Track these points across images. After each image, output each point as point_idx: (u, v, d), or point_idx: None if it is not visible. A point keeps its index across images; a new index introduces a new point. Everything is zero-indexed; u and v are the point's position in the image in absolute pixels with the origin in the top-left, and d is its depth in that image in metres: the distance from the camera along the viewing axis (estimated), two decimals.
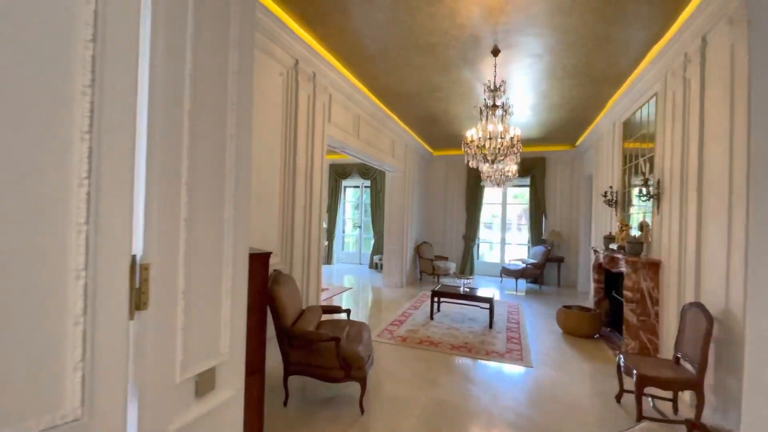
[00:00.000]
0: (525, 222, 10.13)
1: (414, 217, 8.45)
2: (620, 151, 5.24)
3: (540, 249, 8.19)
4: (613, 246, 4.75)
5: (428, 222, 9.68)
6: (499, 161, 3.80)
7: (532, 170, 8.71)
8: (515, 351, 4.07)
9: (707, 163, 2.90)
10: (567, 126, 6.77)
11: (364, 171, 10.32)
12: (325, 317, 3.94)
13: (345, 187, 11.28)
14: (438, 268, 8.01)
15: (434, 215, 9.68)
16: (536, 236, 8.73)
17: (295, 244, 3.78)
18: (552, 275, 8.41)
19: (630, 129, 4.87)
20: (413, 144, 7.95)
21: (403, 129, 6.92)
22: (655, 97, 3.98)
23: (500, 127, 3.67)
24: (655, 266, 3.79)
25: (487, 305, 5.08)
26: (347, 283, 8.09)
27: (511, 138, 3.67)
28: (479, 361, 3.81)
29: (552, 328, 5.02)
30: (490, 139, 3.65)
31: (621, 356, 2.83)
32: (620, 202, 5.18)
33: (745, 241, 2.31)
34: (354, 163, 10.46)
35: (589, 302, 6.32)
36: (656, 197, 3.82)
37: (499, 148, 3.71)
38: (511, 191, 9.73)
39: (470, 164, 4.00)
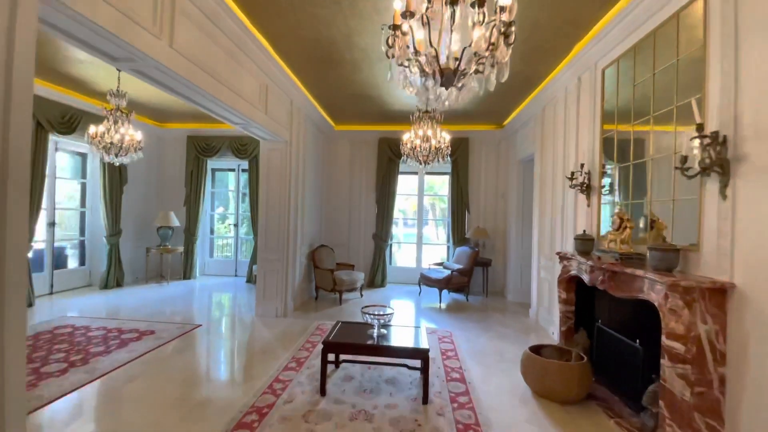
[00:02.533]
0: (443, 217, 8.53)
1: (308, 212, 6.02)
2: (597, 112, 3.63)
3: (465, 250, 6.54)
4: (602, 253, 3.07)
5: (328, 218, 7.34)
6: (465, 77, 1.63)
7: (455, 154, 7.03)
8: None
9: None
10: (503, 93, 5.12)
11: (239, 147, 7.46)
12: None
13: (213, 170, 8.22)
14: (341, 281, 5.73)
15: (337, 209, 7.37)
16: (459, 235, 7.08)
17: None
18: (476, 281, 6.84)
19: (622, 75, 3.25)
20: (305, 106, 5.50)
21: (284, 71, 4.43)
22: None
23: (473, 15, 1.51)
24: (720, 295, 2.10)
25: (417, 363, 2.96)
26: (204, 312, 5.26)
27: (494, 33, 1.53)
28: None
29: (514, 383, 3.16)
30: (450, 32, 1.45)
31: None
32: (597, 188, 3.58)
33: None
34: (223, 134, 7.53)
35: (532, 318, 4.77)
36: (720, 169, 2.13)
37: (469, 51, 1.55)
38: (427, 180, 7.96)
39: (411, 77, 1.72)
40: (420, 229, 7.62)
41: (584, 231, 3.59)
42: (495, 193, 7.12)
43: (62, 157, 6.55)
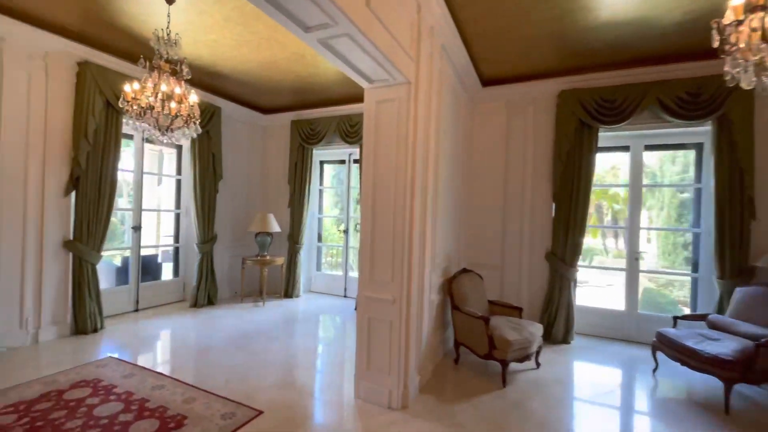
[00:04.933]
0: (612, 221, 5.16)
1: (441, 216, 3.59)
2: None
3: (759, 293, 3.15)
4: None
5: (471, 226, 4.79)
6: None
7: (715, 102, 3.66)
8: None
9: None
10: None
11: (349, 129, 5.57)
12: None
13: (321, 162, 6.59)
14: (506, 343, 3.07)
15: (484, 211, 4.76)
16: (734, 260, 3.63)
17: None
18: None
19: None
20: (443, 28, 3.08)
21: None
22: None
23: None
24: None
25: None
26: (280, 376, 3.35)
27: None
28: None
29: None
30: None
31: None
32: None
33: None
34: (331, 114, 5.78)
35: None
36: None
37: None
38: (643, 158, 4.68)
39: None
40: (634, 246, 4.38)
41: None
42: None
43: (153, 148, 5.72)
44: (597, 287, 6.88)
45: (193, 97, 3.19)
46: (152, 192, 7.04)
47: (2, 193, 3.44)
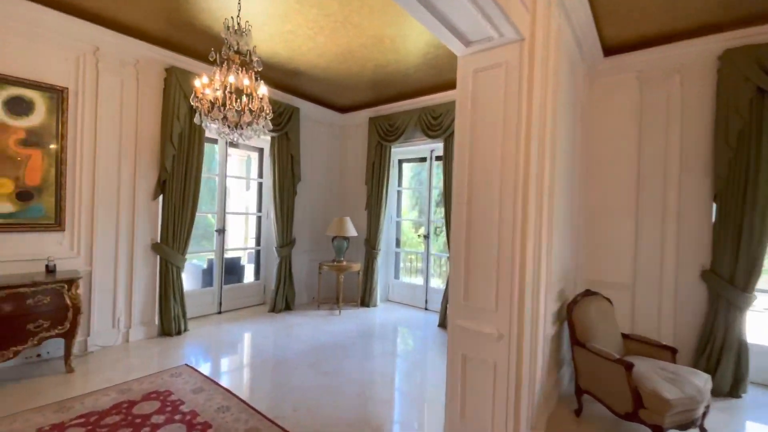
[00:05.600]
0: None
1: (558, 219, 2.76)
2: None
3: None
4: None
5: (591, 232, 3.80)
6: None
7: None
8: None
9: None
10: None
11: (431, 121, 4.97)
12: None
13: (400, 161, 6.09)
14: (662, 403, 2.17)
15: (606, 212, 3.74)
16: None
17: None
18: None
19: None
20: None
21: None
22: None
23: None
24: None
25: None
26: (354, 411, 2.87)
27: None
28: None
29: None
30: None
31: None
32: None
33: None
34: (411, 107, 5.26)
35: None
36: None
37: None
38: None
39: None
40: None
41: None
42: None
43: (241, 153, 5.78)
44: (752, 311, 5.22)
45: (263, 89, 2.89)
46: (240, 196, 7.28)
47: (98, 197, 3.56)
